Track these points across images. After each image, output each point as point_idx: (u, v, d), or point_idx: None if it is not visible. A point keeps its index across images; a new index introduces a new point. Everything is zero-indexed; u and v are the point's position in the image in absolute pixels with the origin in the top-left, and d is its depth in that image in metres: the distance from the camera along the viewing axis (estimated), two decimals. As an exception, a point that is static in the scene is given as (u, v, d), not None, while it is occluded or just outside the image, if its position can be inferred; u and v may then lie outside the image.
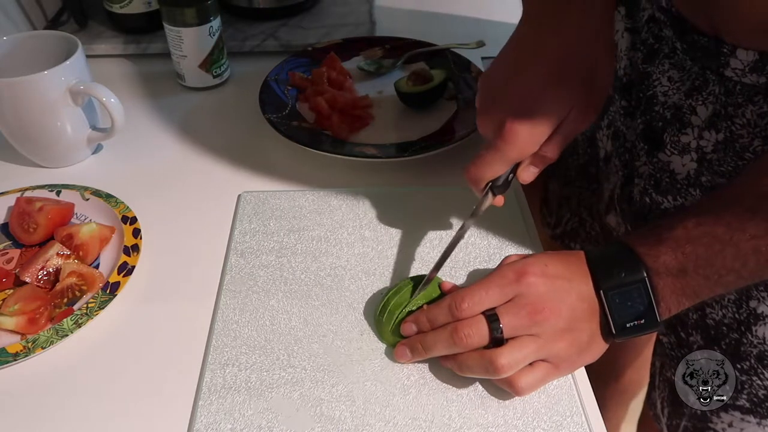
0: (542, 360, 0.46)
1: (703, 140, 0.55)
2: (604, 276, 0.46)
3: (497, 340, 0.45)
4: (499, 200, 0.52)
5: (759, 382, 0.57)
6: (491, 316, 0.45)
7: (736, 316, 0.56)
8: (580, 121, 0.49)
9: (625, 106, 0.63)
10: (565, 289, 0.46)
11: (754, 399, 0.58)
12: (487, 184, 0.51)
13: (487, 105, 0.51)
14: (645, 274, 0.44)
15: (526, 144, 0.48)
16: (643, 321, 0.45)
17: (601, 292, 0.45)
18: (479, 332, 0.45)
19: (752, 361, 0.57)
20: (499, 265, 0.49)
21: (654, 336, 0.73)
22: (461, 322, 0.46)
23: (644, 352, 0.95)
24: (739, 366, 0.57)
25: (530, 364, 0.45)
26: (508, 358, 0.44)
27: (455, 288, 0.52)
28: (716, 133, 0.53)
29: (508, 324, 0.45)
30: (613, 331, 0.46)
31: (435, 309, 0.48)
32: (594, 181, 0.74)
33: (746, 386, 0.58)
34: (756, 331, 0.55)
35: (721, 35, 0.50)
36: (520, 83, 0.48)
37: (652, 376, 0.71)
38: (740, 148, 0.52)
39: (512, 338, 0.45)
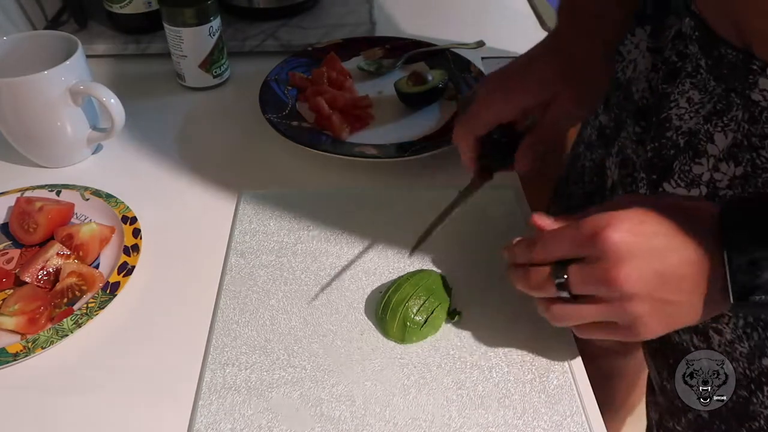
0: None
1: (718, 173, 0.49)
2: (759, 242, 0.37)
3: (560, 286, 0.42)
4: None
5: None
6: (557, 267, 0.42)
7: (747, 372, 0.51)
8: (566, 109, 0.50)
9: (639, 133, 0.59)
10: (660, 252, 0.39)
11: None
12: (481, 163, 0.54)
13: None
14: None
15: (502, 108, 0.51)
16: None
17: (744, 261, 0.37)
18: (543, 282, 0.43)
19: (762, 422, 0.51)
20: (586, 211, 0.44)
21: (645, 372, 0.67)
22: (532, 268, 0.44)
23: (637, 383, 0.94)
24: (747, 425, 0.52)
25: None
26: (564, 311, 0.43)
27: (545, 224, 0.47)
28: (735, 167, 0.48)
29: (573, 281, 0.41)
30: (733, 300, 0.38)
31: (517, 246, 0.46)
32: None
33: None
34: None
35: (750, 48, 0.46)
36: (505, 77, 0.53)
37: (649, 429, 0.67)
38: (762, 185, 0.46)
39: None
